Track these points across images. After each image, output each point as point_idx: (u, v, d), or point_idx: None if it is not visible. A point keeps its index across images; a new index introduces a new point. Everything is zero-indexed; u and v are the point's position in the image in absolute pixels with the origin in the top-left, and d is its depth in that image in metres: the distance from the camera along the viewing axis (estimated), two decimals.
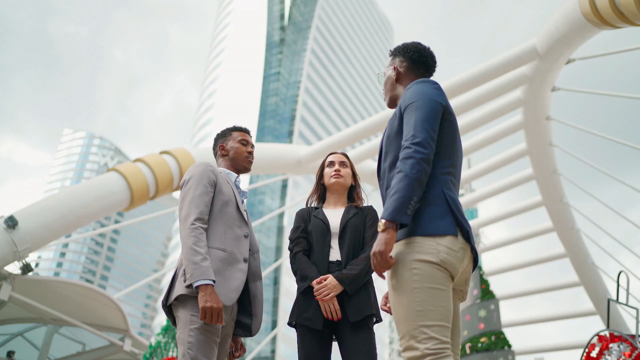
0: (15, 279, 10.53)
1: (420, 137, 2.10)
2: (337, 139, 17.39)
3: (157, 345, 10.55)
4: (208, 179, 2.89)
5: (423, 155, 2.06)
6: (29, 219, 10.74)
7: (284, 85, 71.55)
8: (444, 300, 2.02)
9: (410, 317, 1.99)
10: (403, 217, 1.99)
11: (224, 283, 2.75)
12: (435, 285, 2.01)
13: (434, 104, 2.22)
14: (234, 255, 2.85)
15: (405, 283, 2.03)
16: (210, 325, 2.63)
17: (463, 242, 2.12)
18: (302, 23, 78.94)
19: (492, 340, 12.18)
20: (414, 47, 2.57)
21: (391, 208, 2.00)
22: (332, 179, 3.32)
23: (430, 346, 1.93)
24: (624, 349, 7.25)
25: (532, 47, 14.23)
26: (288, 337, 52.45)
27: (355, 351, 2.83)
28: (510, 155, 19.73)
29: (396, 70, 2.57)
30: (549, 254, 24.08)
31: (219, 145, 3.21)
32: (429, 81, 2.36)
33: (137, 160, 13.32)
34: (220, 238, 2.84)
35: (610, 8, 10.78)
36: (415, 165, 2.04)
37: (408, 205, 2.00)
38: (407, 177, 2.02)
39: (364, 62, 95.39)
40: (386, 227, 1.99)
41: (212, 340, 2.64)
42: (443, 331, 1.97)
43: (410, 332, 1.98)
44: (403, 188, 2.01)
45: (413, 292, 2.01)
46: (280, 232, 59.58)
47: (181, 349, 2.61)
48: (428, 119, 2.16)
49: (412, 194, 2.01)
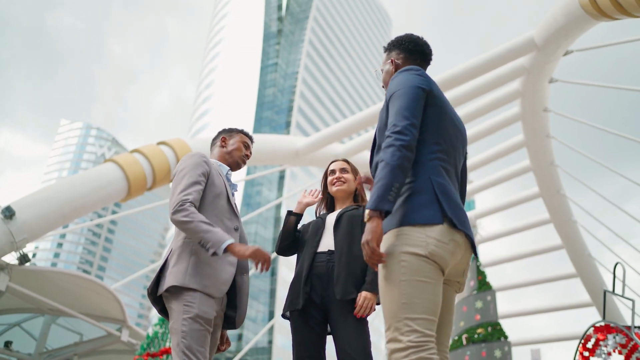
0: (13, 269, 10.52)
1: (400, 125, 2.11)
2: (334, 130, 17.36)
3: (155, 336, 10.57)
4: (202, 169, 2.92)
5: (403, 142, 2.06)
6: (26, 209, 10.72)
7: (281, 76, 71.39)
8: (430, 293, 2.01)
9: (395, 310, 1.99)
10: (385, 204, 1.99)
11: (213, 275, 2.78)
12: (422, 278, 2.00)
13: (415, 89, 2.22)
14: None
15: (393, 275, 2.03)
16: (202, 316, 2.66)
17: (454, 232, 2.10)
18: (300, 14, 78.67)
19: (488, 332, 12.23)
20: (408, 38, 2.57)
21: (374, 197, 2.00)
22: (335, 187, 3.40)
23: (413, 339, 1.93)
24: (619, 340, 7.29)
25: (530, 39, 14.20)
26: (285, 327, 52.59)
27: (348, 338, 2.86)
28: (507, 147, 19.75)
29: (394, 64, 2.57)
30: (545, 246, 24.13)
31: (221, 137, 3.27)
32: (412, 68, 2.36)
33: (134, 151, 13.29)
34: None
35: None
36: (396, 152, 2.04)
37: (389, 192, 2.00)
38: (388, 165, 2.02)
39: (362, 53, 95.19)
40: (370, 216, 2.00)
41: (206, 330, 2.67)
42: (427, 324, 1.97)
43: (395, 325, 1.98)
44: (384, 176, 2.01)
45: (400, 285, 2.00)
46: (277, 223, 59.62)
47: (175, 339, 2.62)
48: (408, 106, 2.16)
49: (393, 181, 2.01)
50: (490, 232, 24.40)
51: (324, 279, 3.03)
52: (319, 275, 3.05)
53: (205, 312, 2.68)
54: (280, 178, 61.93)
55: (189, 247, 2.82)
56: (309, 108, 71.32)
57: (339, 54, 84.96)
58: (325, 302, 3.00)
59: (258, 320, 54.12)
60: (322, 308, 3.02)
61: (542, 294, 75.14)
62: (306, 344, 2.98)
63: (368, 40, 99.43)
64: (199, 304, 2.67)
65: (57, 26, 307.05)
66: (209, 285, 2.73)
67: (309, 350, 2.98)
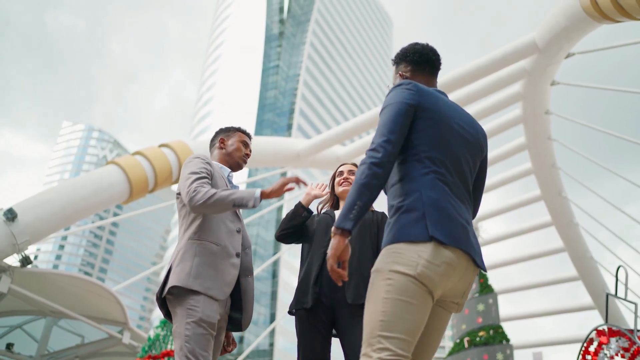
0: (15, 271, 10.53)
1: (376, 142, 2.11)
2: (335, 133, 17.37)
3: (156, 338, 10.56)
4: (206, 169, 2.94)
5: (374, 159, 2.06)
6: (28, 211, 10.74)
7: (283, 79, 71.42)
8: (411, 314, 1.97)
9: (372, 326, 1.97)
10: (346, 223, 2.01)
11: (217, 277, 2.78)
12: (405, 298, 1.97)
13: (399, 105, 2.20)
14: (227, 249, 2.88)
15: (377, 291, 2.01)
16: (206, 320, 2.65)
17: (445, 250, 2.03)
18: (302, 16, 78.75)
19: (490, 334, 12.21)
20: (413, 50, 2.55)
21: (340, 216, 2.03)
22: (341, 187, 3.42)
23: (384, 356, 1.90)
24: (622, 344, 7.27)
25: (531, 41, 14.20)
26: (287, 330, 52.56)
27: (355, 340, 2.84)
28: (509, 149, 19.74)
29: (402, 77, 2.55)
30: (547, 248, 24.11)
31: (219, 138, 3.25)
32: (402, 83, 2.32)
33: (136, 153, 13.30)
34: (214, 232, 2.88)
35: (610, 2, 10.77)
36: (365, 171, 2.05)
37: (352, 211, 2.01)
38: (356, 184, 2.04)
39: (363, 55, 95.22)
40: (334, 233, 2.02)
41: (209, 334, 2.66)
42: (401, 344, 1.93)
43: (369, 340, 1.96)
44: (350, 194, 2.04)
45: (382, 302, 1.98)
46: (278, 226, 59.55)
47: (178, 342, 2.61)
48: (386, 123, 2.16)
49: (356, 199, 2.02)
50: (492, 234, 24.38)
51: (331, 281, 2.99)
52: (328, 276, 2.99)
53: (209, 316, 2.67)
54: None
55: (192, 248, 2.81)
56: (310, 110, 71.33)
57: (340, 56, 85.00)
58: (334, 305, 2.98)
59: (259, 322, 54.07)
60: (330, 310, 2.99)
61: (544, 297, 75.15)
62: (312, 348, 2.96)
63: (369, 42, 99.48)
64: (202, 307, 2.66)
65: (57, 26, 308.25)
66: (211, 287, 2.73)
67: (315, 353, 2.96)
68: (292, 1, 78.76)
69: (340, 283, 2.07)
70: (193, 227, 2.87)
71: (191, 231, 2.86)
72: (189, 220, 2.90)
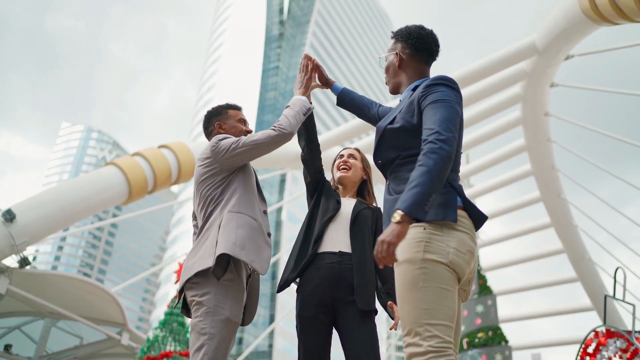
0: (13, 272, 10.52)
1: (446, 135, 2.08)
2: (336, 134, 17.36)
3: (155, 339, 10.54)
4: None
5: (447, 153, 2.04)
6: (27, 212, 10.72)
7: (282, 80, 71.46)
8: (450, 301, 2.04)
9: (417, 315, 2.01)
10: (420, 213, 1.94)
11: (257, 251, 2.71)
12: (443, 286, 2.03)
13: (457, 109, 2.22)
14: (262, 227, 2.84)
15: (414, 281, 2.04)
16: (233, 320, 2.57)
17: (470, 245, 2.14)
18: (302, 17, 78.82)
19: (489, 336, 12.22)
20: (417, 34, 2.52)
21: (410, 200, 1.94)
22: (339, 172, 3.29)
23: (434, 344, 1.94)
24: (620, 345, 7.28)
25: (531, 43, 14.21)
26: (286, 331, 52.56)
27: (359, 342, 2.81)
28: (508, 151, 19.75)
29: (399, 57, 2.54)
30: (546, 250, 24.11)
31: (215, 123, 3.13)
32: (451, 82, 2.32)
33: (135, 154, 13.30)
34: (251, 208, 2.83)
35: (609, 4, 10.78)
36: (439, 162, 2.01)
37: (427, 202, 1.96)
38: (430, 173, 1.98)
39: (363, 57, 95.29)
40: (403, 219, 1.93)
41: (234, 333, 2.59)
42: (447, 330, 1.99)
43: (415, 329, 1.99)
44: (424, 183, 1.97)
45: (421, 291, 2.02)
46: (278, 227, 59.57)
47: (200, 339, 2.48)
48: (452, 120, 2.15)
49: (432, 191, 1.98)
50: (491, 236, 24.40)
51: (334, 280, 2.91)
52: (329, 277, 2.92)
53: (236, 316, 2.59)
54: (281, 182, 61.88)
55: (235, 220, 2.74)
56: None
57: (340, 58, 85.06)
58: (336, 305, 2.90)
59: (259, 323, 54.05)
60: (332, 311, 2.92)
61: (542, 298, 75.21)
62: (314, 353, 2.90)
63: (369, 44, 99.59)
64: (230, 305, 2.58)
65: (57, 27, 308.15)
66: (255, 260, 2.67)
67: (315, 354, 2.90)
68: (292, 2, 78.85)
69: (382, 266, 1.98)
70: (233, 201, 2.79)
71: (231, 204, 2.78)
72: (221, 191, 2.83)
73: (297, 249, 3.04)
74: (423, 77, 2.49)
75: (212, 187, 2.85)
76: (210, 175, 2.86)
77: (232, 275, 2.65)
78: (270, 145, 2.78)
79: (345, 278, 2.91)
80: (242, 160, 2.84)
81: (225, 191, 2.83)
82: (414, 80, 2.50)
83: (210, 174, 2.87)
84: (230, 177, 2.86)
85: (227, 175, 2.86)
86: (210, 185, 2.86)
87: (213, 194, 2.84)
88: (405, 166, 2.27)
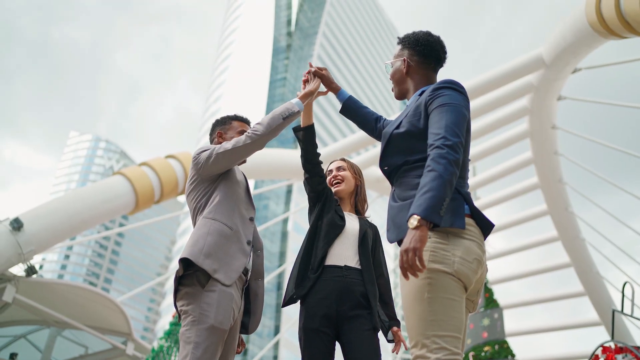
0: (20, 280, 10.56)
1: (453, 140, 2.07)
2: (342, 146, 17.39)
3: (160, 350, 10.53)
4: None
5: (455, 158, 2.03)
6: (35, 221, 10.77)
7: (290, 91, 71.63)
8: (457, 312, 2.00)
9: (424, 326, 1.98)
10: (436, 217, 1.92)
11: (225, 260, 2.68)
12: (449, 296, 2.00)
13: (464, 113, 2.21)
14: (239, 235, 2.80)
15: (419, 291, 2.01)
16: (218, 327, 2.55)
17: (478, 253, 2.10)
18: (309, 29, 79.12)
19: (495, 350, 12.14)
20: (425, 41, 2.50)
21: (425, 205, 1.91)
22: (334, 187, 3.31)
23: (442, 356, 1.92)
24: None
25: (538, 56, 14.23)
26: (291, 343, 52.34)
27: (362, 356, 2.81)
28: (515, 164, 19.72)
29: (406, 63, 2.53)
30: (553, 263, 23.96)
31: (217, 132, 3.16)
32: (458, 85, 2.30)
33: (142, 164, 13.36)
34: (228, 215, 2.81)
35: (616, 18, 10.79)
36: (449, 167, 2.00)
37: (442, 206, 1.94)
38: (441, 178, 1.97)
39: (370, 68, 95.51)
40: (421, 224, 1.90)
41: (221, 341, 2.58)
42: (454, 342, 1.96)
43: (422, 341, 1.96)
44: (437, 187, 1.95)
45: (427, 301, 1.99)
46: (284, 238, 59.52)
47: (186, 347, 2.50)
48: (458, 124, 2.13)
49: (445, 195, 1.96)
50: (498, 249, 24.29)
51: (339, 294, 2.91)
52: (335, 290, 2.92)
53: (222, 323, 2.57)
54: (287, 192, 61.89)
55: (206, 227, 2.74)
56: (317, 123, 70.97)
57: (347, 69, 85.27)
58: (340, 317, 2.90)
59: (264, 335, 53.88)
60: (336, 324, 2.92)
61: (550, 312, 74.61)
62: (316, 356, 2.88)
63: (376, 55, 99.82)
64: (215, 312, 2.56)
65: (63, 38, 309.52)
66: (219, 270, 2.63)
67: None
68: (299, 14, 79.19)
69: (408, 278, 1.96)
70: (209, 207, 2.81)
71: (206, 211, 2.80)
72: (205, 201, 2.85)
73: (299, 262, 3.06)
74: (430, 84, 2.47)
75: (197, 197, 2.90)
76: (195, 186, 2.92)
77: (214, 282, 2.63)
78: (243, 151, 2.82)
79: (351, 291, 2.92)
80: (218, 169, 2.86)
81: (208, 200, 2.86)
82: (420, 87, 2.48)
83: (194, 184, 2.93)
84: (213, 185, 2.89)
85: (209, 184, 2.89)
86: (195, 196, 2.91)
87: (199, 204, 2.88)
88: (412, 172, 2.25)
